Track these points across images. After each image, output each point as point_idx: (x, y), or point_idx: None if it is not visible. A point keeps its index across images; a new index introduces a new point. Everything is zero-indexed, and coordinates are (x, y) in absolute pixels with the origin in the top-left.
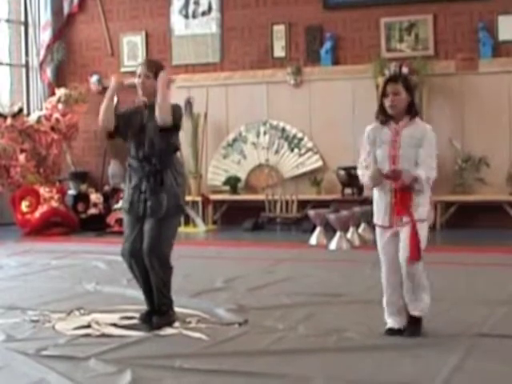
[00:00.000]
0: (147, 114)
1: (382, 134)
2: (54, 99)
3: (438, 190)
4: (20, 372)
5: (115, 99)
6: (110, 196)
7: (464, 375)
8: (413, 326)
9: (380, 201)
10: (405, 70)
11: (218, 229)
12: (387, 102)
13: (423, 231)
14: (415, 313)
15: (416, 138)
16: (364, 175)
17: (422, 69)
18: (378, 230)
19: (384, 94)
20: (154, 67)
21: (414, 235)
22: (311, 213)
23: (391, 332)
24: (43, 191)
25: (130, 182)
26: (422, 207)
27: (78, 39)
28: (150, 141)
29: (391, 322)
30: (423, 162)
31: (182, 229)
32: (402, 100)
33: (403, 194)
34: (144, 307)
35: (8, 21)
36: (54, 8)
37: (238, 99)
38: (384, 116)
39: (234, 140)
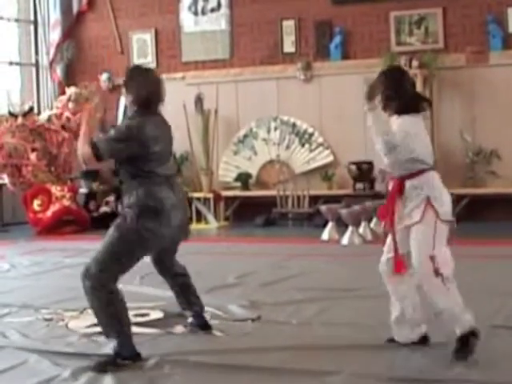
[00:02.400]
0: None
1: None
2: (64, 98)
3: (450, 183)
4: (35, 370)
5: None
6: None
7: (480, 368)
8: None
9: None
10: (415, 63)
11: (230, 225)
12: None
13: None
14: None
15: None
16: None
17: (432, 62)
18: None
19: None
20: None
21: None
22: (323, 208)
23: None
24: (55, 190)
25: None
26: (417, 209)
27: (87, 37)
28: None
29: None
30: None
31: (194, 225)
32: (382, 91)
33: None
34: (156, 304)
35: (17, 20)
36: (63, 7)
37: (249, 95)
38: None
39: (245, 136)
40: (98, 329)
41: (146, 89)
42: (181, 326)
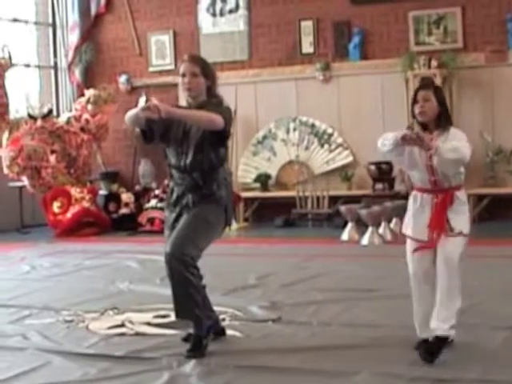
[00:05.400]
0: None
1: None
2: (83, 100)
3: (470, 183)
4: (56, 371)
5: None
6: (141, 195)
7: (499, 368)
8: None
9: (417, 215)
10: (434, 63)
11: (250, 226)
12: (417, 109)
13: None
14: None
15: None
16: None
17: (451, 62)
18: (411, 242)
19: (415, 101)
20: (199, 63)
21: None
22: (342, 208)
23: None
24: (74, 192)
25: (171, 194)
26: (462, 220)
27: (105, 39)
28: (193, 151)
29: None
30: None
31: None
32: (432, 107)
33: (442, 209)
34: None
35: (36, 23)
36: (82, 9)
37: (267, 96)
38: (420, 123)
39: (264, 137)
40: (119, 330)
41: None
42: None
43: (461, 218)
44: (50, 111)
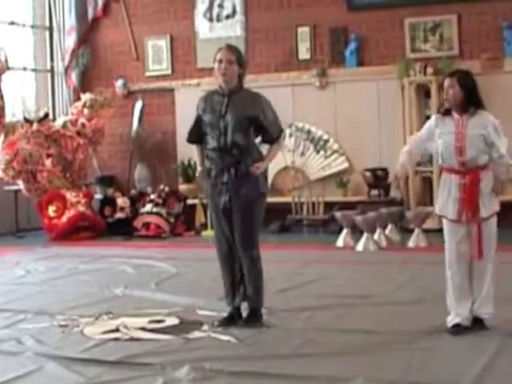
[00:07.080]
0: (226, 102)
1: (444, 125)
2: (79, 104)
3: None
4: (50, 376)
5: None
6: (137, 200)
7: (494, 374)
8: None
9: (448, 195)
10: (430, 70)
11: None
12: (444, 95)
13: (492, 228)
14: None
15: (481, 128)
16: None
17: (446, 69)
18: (446, 223)
19: (442, 88)
20: (235, 52)
21: (478, 235)
22: (338, 214)
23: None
24: (70, 196)
25: (209, 174)
26: (490, 201)
27: (102, 43)
28: (230, 131)
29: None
30: (497, 150)
31: (208, 232)
32: (455, 93)
33: (472, 190)
34: (171, 310)
35: (33, 26)
36: (79, 13)
37: None
38: (446, 108)
39: (260, 142)
40: (113, 335)
41: None
42: (196, 333)
43: (490, 196)
44: (46, 115)
